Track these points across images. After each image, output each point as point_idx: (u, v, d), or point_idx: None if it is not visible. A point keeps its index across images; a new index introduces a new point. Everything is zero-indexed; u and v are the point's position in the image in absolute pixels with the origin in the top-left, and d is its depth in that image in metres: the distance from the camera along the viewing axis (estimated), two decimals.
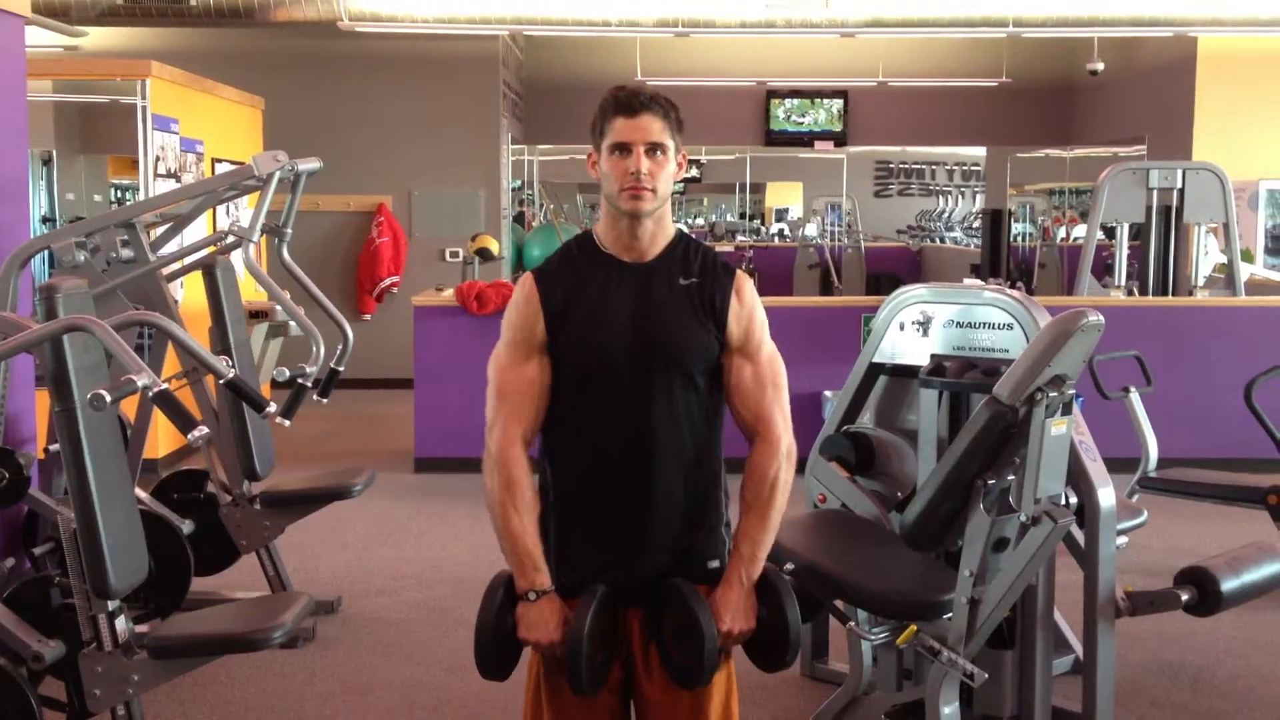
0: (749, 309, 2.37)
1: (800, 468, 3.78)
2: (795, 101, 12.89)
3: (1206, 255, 7.97)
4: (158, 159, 7.18)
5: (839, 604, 3.33)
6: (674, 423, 2.33)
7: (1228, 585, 3.25)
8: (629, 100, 2.30)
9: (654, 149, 2.28)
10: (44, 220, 7.92)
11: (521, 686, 2.49)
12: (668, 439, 2.33)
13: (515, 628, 2.30)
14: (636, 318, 2.31)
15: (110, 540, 2.97)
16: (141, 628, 3.18)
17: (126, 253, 4.35)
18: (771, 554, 3.16)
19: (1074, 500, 3.21)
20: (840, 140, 13.00)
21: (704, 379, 2.35)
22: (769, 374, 2.37)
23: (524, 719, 2.47)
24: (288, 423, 4.20)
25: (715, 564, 2.40)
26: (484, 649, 2.31)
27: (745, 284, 2.39)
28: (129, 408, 4.44)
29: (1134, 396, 5.03)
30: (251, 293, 7.19)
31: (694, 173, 14.74)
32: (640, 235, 2.33)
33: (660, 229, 2.35)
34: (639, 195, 2.28)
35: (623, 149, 2.28)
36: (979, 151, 14.15)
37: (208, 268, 4.60)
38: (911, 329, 3.57)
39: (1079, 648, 3.71)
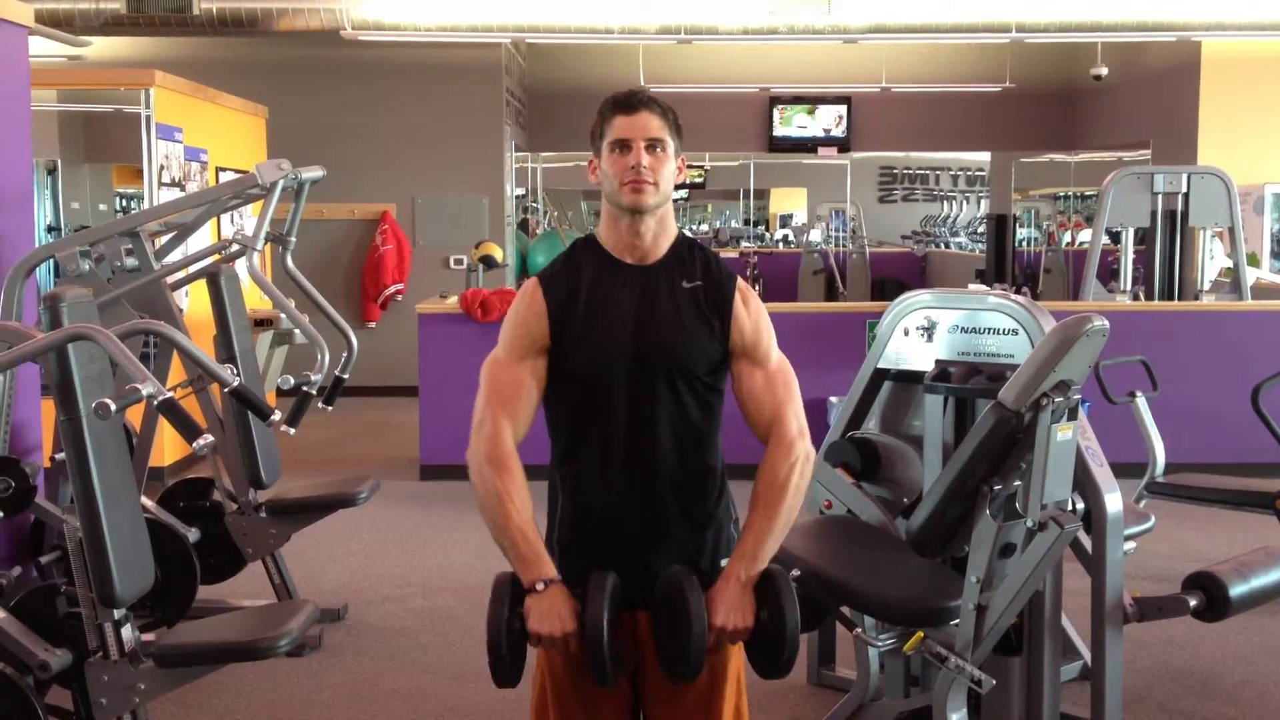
0: (755, 315, 2.37)
1: None
2: (800, 107, 12.88)
3: (1212, 260, 7.95)
4: (162, 168, 7.19)
5: (845, 610, 3.32)
6: (677, 424, 2.33)
7: (1236, 590, 3.24)
8: (627, 99, 2.31)
9: (654, 145, 2.29)
10: (49, 229, 7.93)
11: (526, 696, 2.48)
12: (671, 440, 2.33)
13: (523, 626, 2.24)
14: (639, 320, 2.31)
15: (116, 549, 2.97)
16: (148, 636, 3.17)
17: (131, 261, 4.36)
18: (777, 559, 3.18)
19: (1081, 506, 3.20)
20: (844, 146, 13.00)
21: (706, 380, 2.35)
22: (780, 379, 2.37)
23: None
24: (293, 431, 4.21)
25: (724, 562, 2.40)
26: (499, 652, 2.22)
27: (749, 291, 2.40)
28: (134, 416, 4.44)
29: (1140, 401, 5.02)
30: (256, 301, 7.20)
31: (698, 179, 14.75)
32: (642, 234, 2.33)
33: (663, 230, 2.35)
34: (640, 189, 2.27)
35: (623, 145, 2.28)
36: (983, 157, 14.15)
37: (212, 276, 4.60)
38: (916, 334, 3.57)
39: (1087, 654, 3.70)
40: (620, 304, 2.32)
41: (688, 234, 2.43)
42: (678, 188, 2.39)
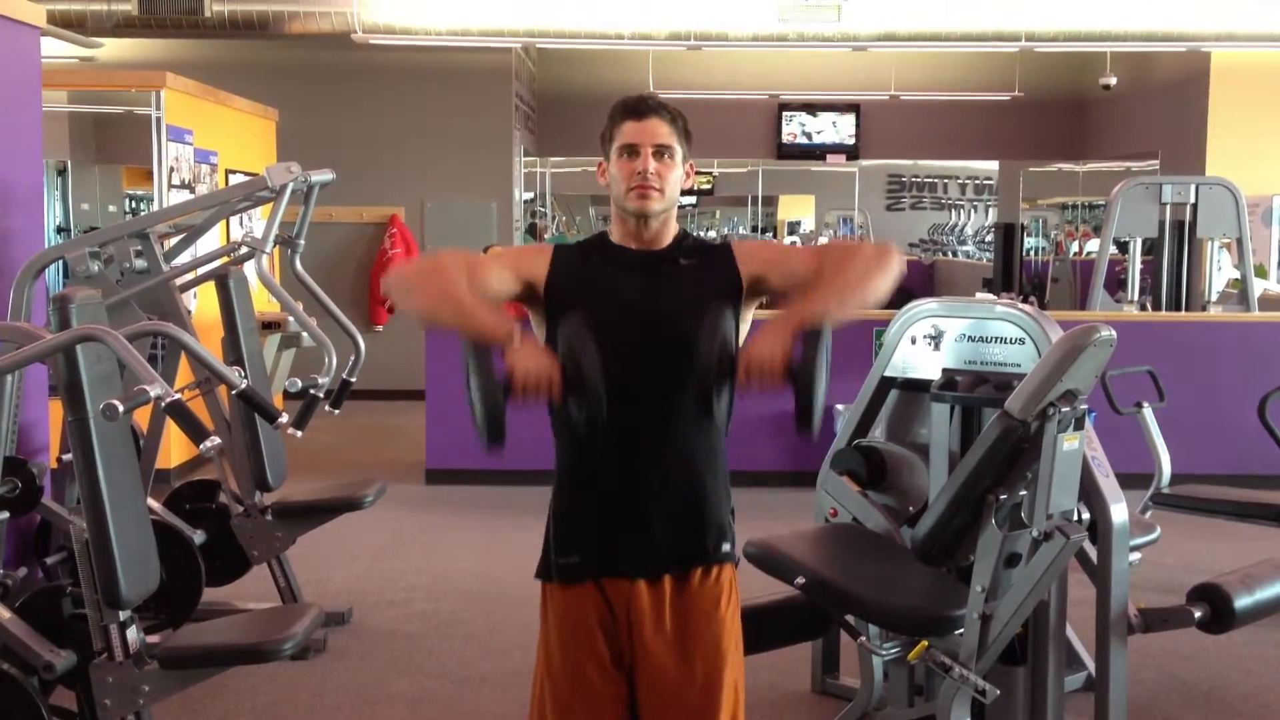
0: (754, 247, 2.43)
1: (810, 482, 3.80)
2: (809, 114, 12.89)
3: (1220, 270, 7.95)
4: (172, 170, 7.21)
5: (850, 619, 3.32)
6: (683, 394, 2.33)
7: (1241, 602, 3.24)
8: (637, 104, 2.34)
9: (661, 151, 2.31)
10: (58, 230, 7.96)
11: (526, 703, 2.49)
12: (677, 410, 2.34)
13: (507, 388, 2.21)
14: (644, 298, 2.34)
15: (122, 550, 2.98)
16: (153, 638, 3.18)
17: (140, 263, 4.37)
18: (782, 567, 3.18)
19: (1086, 516, 3.20)
20: (852, 153, 13.00)
21: (710, 356, 2.34)
22: (821, 249, 2.43)
23: None
24: (300, 433, 4.21)
25: (728, 546, 2.41)
26: (494, 408, 2.19)
27: (742, 242, 2.46)
28: (142, 418, 4.45)
29: (1147, 412, 5.01)
30: (264, 304, 7.21)
31: (706, 185, 14.75)
32: (646, 239, 2.39)
33: (665, 230, 2.40)
34: (646, 194, 2.31)
35: (631, 150, 2.31)
36: (991, 165, 14.14)
37: (221, 278, 4.61)
38: (923, 343, 3.57)
39: (1091, 664, 3.70)
40: (627, 279, 2.36)
41: (687, 230, 2.49)
42: (685, 193, 2.41)
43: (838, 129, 12.93)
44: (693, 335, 2.28)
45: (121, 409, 2.69)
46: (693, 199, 14.88)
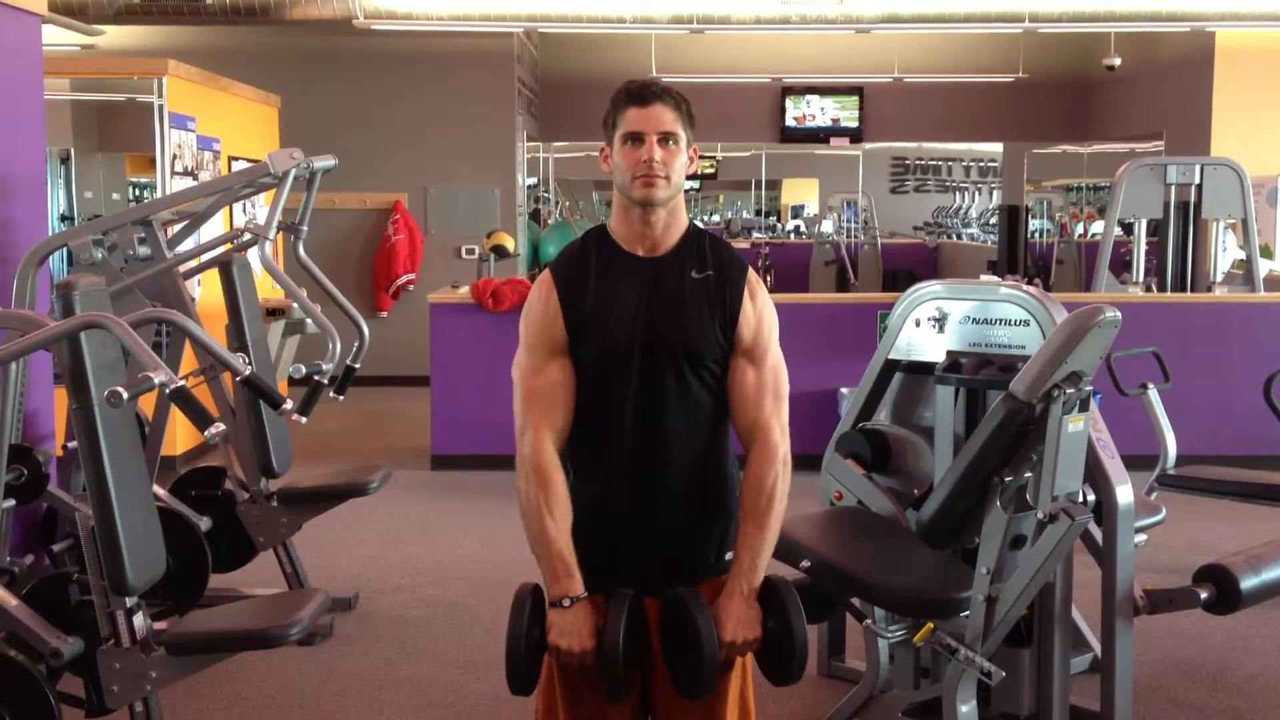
0: (760, 311, 2.37)
1: (815, 465, 3.80)
2: (812, 98, 12.86)
3: (1225, 251, 7.93)
4: (175, 157, 7.21)
5: (855, 601, 3.32)
6: (686, 416, 2.33)
7: (1247, 583, 3.24)
8: (641, 91, 2.31)
9: (666, 138, 2.29)
10: (62, 218, 7.96)
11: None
12: (680, 432, 2.33)
13: (543, 637, 2.26)
14: (649, 310, 2.32)
15: (128, 537, 2.98)
16: (159, 624, 3.18)
17: (144, 250, 4.37)
18: (787, 551, 3.18)
19: (1092, 497, 3.20)
20: (856, 136, 12.97)
21: (714, 369, 2.35)
22: (771, 381, 2.37)
23: (536, 717, 2.47)
24: (304, 420, 4.21)
25: (730, 555, 2.40)
26: (516, 662, 2.25)
27: (758, 284, 2.40)
28: (147, 405, 4.46)
29: (1152, 393, 5.01)
30: (268, 290, 7.22)
31: (709, 169, 14.72)
32: (653, 225, 2.33)
33: (674, 220, 2.36)
34: (652, 183, 2.28)
35: (635, 138, 2.29)
36: (996, 147, 14.11)
37: (224, 265, 4.61)
38: (927, 325, 3.56)
39: (1097, 646, 3.70)
40: (630, 296, 2.32)
41: (699, 224, 2.43)
42: (689, 178, 2.39)
43: (841, 112, 12.90)
44: (695, 353, 2.31)
45: (126, 396, 2.69)
46: (696, 183, 14.86)
